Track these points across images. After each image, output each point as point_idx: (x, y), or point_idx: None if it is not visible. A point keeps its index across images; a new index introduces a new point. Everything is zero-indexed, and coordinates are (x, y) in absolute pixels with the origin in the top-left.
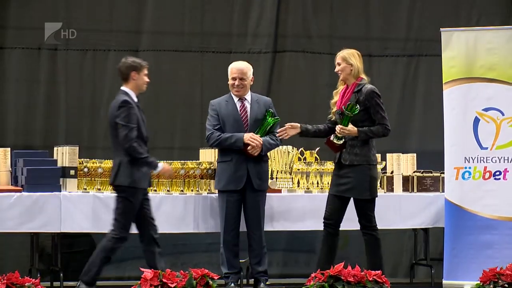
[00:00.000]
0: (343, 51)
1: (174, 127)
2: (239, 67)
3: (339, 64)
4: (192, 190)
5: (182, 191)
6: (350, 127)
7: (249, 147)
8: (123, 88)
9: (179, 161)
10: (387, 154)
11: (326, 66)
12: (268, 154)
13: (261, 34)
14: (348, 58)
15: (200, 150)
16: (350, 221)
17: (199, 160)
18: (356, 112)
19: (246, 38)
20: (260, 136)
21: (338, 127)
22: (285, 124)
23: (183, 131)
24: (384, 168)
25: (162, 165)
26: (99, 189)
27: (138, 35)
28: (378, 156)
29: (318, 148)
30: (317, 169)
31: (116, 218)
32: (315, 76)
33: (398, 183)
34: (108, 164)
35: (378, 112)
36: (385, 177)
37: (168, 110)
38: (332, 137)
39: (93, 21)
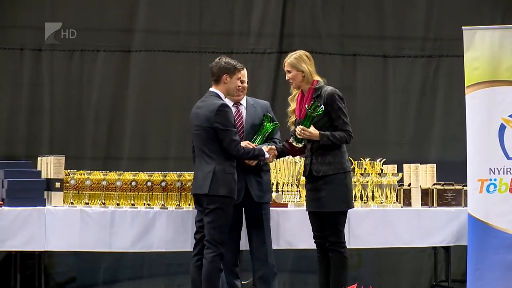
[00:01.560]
0: (290, 56)
1: (170, 135)
2: (246, 73)
3: (289, 72)
4: (189, 205)
5: (178, 205)
6: (312, 129)
7: (267, 156)
8: (213, 89)
9: (175, 172)
10: (404, 165)
11: (337, 68)
12: (272, 164)
13: (265, 33)
14: (297, 64)
15: None
16: (361, 239)
17: None
18: (320, 112)
19: (248, 37)
20: (258, 144)
21: (299, 128)
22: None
23: (179, 139)
24: (401, 180)
25: (265, 148)
26: (87, 204)
27: (130, 34)
28: (394, 167)
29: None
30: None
31: (210, 233)
32: (325, 78)
33: (416, 197)
34: (97, 176)
35: (339, 117)
36: (401, 190)
37: (162, 116)
38: (291, 139)
39: (81, 19)
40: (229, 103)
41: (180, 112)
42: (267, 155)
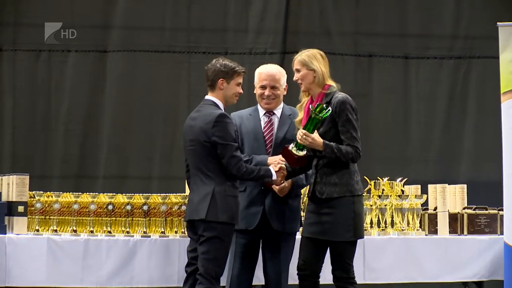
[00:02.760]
0: (301, 53)
1: (153, 150)
2: (270, 72)
3: (298, 71)
4: (176, 232)
5: (163, 233)
6: (316, 135)
7: (275, 179)
8: (209, 97)
9: (159, 194)
10: (429, 185)
11: (350, 71)
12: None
13: (266, 30)
14: (309, 62)
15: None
16: (379, 273)
17: (185, 193)
18: (326, 115)
19: (246, 35)
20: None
21: (300, 132)
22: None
23: (164, 155)
24: (425, 204)
25: (273, 167)
26: (56, 231)
27: (107, 32)
28: (417, 188)
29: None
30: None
31: (205, 265)
32: (335, 82)
33: (443, 223)
34: (67, 198)
35: (348, 130)
36: (426, 215)
37: (145, 128)
38: (291, 146)
39: (48, 13)
40: (261, 111)
41: (166, 123)
42: (274, 177)
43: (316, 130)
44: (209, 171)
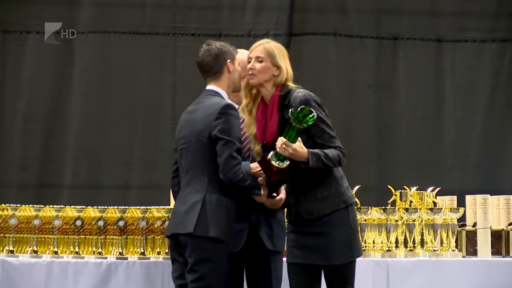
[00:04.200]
0: (268, 41)
1: (131, 153)
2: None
3: (259, 60)
4: (159, 253)
5: (143, 254)
6: (298, 144)
7: (262, 193)
8: (212, 87)
9: (138, 207)
10: (467, 197)
11: (370, 57)
12: None
13: (268, 7)
14: (277, 56)
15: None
16: None
17: (169, 205)
18: (310, 122)
19: (244, 13)
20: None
21: (280, 140)
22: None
23: (145, 160)
24: (463, 219)
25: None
26: (12, 252)
27: (74, 9)
28: (453, 199)
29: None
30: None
31: None
32: (353, 70)
33: (484, 242)
34: (27, 211)
35: (323, 130)
36: (463, 232)
37: (121, 126)
38: (270, 155)
39: None
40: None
41: (147, 119)
42: (262, 192)
43: (299, 138)
44: (202, 175)
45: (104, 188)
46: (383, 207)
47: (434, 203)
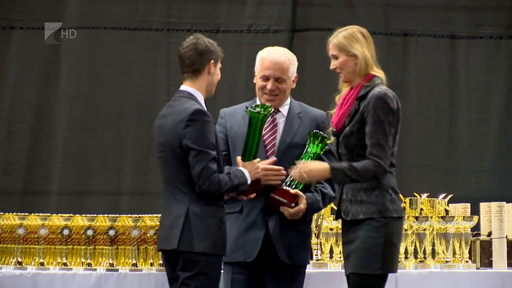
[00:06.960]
0: (337, 33)
1: (122, 157)
2: (276, 59)
3: (334, 57)
4: (152, 264)
5: (135, 265)
6: (315, 163)
7: (249, 182)
8: (186, 88)
9: (129, 215)
10: (481, 204)
11: (379, 54)
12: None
13: (270, 0)
14: (348, 45)
15: None
16: None
17: None
18: (322, 152)
19: (243, 7)
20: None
21: (297, 169)
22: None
23: (137, 164)
24: (477, 228)
25: (247, 172)
26: None
27: (61, 3)
28: (466, 207)
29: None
30: None
31: None
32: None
33: (500, 253)
34: (10, 220)
35: (374, 133)
36: (477, 242)
37: (112, 128)
38: (285, 184)
39: None
40: None
41: (139, 121)
42: (248, 180)
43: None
44: (182, 186)
45: (93, 194)
46: None
47: (446, 211)
